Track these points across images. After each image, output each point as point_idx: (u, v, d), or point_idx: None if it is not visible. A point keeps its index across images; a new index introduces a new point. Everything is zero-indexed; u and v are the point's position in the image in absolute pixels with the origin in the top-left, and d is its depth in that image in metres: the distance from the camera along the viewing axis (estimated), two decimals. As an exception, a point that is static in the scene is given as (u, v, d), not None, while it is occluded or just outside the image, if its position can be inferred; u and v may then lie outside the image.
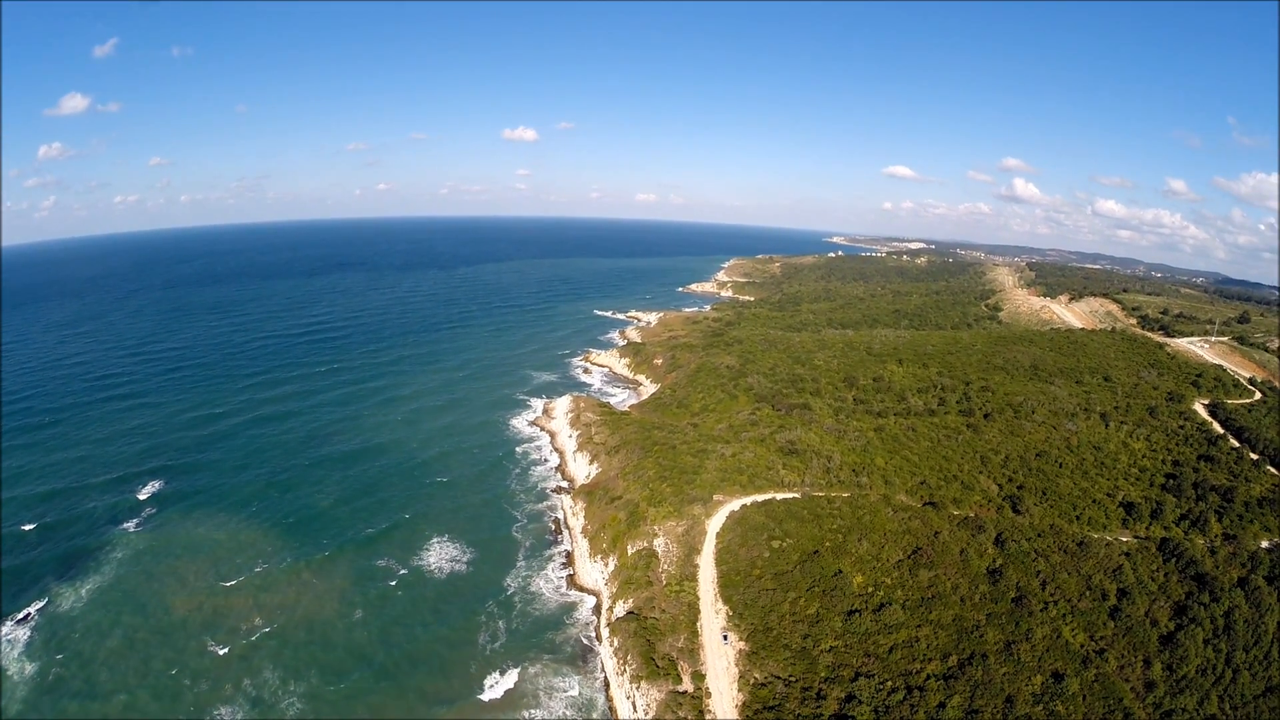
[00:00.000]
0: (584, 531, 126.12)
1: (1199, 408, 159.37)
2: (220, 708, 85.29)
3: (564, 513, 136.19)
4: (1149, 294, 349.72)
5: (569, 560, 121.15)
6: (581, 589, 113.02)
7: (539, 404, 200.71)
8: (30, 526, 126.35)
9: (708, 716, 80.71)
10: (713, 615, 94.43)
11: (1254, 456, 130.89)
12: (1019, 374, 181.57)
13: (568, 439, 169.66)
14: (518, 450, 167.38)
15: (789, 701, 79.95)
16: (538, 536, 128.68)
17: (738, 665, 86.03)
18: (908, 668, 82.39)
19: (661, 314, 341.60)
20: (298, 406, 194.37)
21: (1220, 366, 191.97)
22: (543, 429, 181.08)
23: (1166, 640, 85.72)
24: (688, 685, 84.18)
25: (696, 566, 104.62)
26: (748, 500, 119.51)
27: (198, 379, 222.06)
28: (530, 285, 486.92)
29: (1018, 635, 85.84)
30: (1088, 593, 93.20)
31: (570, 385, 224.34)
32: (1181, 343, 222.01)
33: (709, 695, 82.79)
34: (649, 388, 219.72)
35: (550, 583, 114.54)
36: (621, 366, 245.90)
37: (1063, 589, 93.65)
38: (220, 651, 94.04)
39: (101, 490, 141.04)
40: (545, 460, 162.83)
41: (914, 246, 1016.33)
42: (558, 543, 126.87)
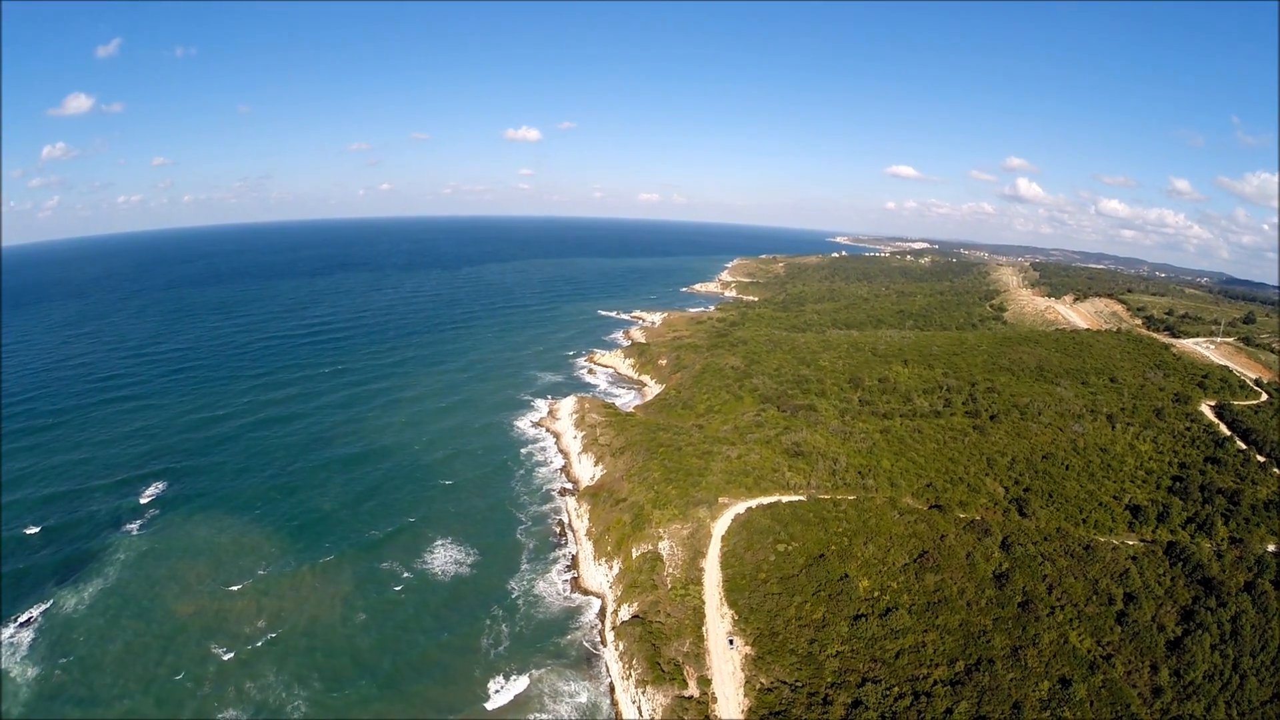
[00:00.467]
0: (589, 534, 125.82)
1: (1205, 409, 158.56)
2: (225, 712, 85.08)
3: (569, 515, 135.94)
4: (1154, 294, 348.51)
5: (573, 563, 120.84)
6: (586, 592, 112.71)
7: (544, 405, 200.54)
8: (34, 530, 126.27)
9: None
10: (718, 619, 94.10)
11: (1260, 459, 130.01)
12: (1025, 375, 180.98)
13: (572, 440, 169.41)
14: (522, 452, 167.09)
15: (795, 707, 79.65)
16: (542, 539, 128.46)
17: (744, 670, 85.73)
18: (914, 673, 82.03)
19: (666, 314, 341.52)
20: (301, 408, 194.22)
21: (1226, 368, 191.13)
22: (547, 430, 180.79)
23: (1173, 645, 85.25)
24: (693, 690, 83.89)
25: (702, 570, 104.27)
26: (753, 503, 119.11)
27: (201, 380, 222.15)
28: (534, 285, 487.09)
29: (1025, 640, 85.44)
30: (1095, 597, 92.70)
31: (575, 386, 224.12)
32: (1187, 343, 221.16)
33: (715, 700, 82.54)
34: (654, 388, 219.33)
35: (554, 586, 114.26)
36: (626, 367, 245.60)
37: (1069, 593, 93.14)
38: (225, 657, 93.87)
39: (104, 493, 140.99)
40: (549, 462, 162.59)
41: (917, 246, 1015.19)
42: (562, 545, 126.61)
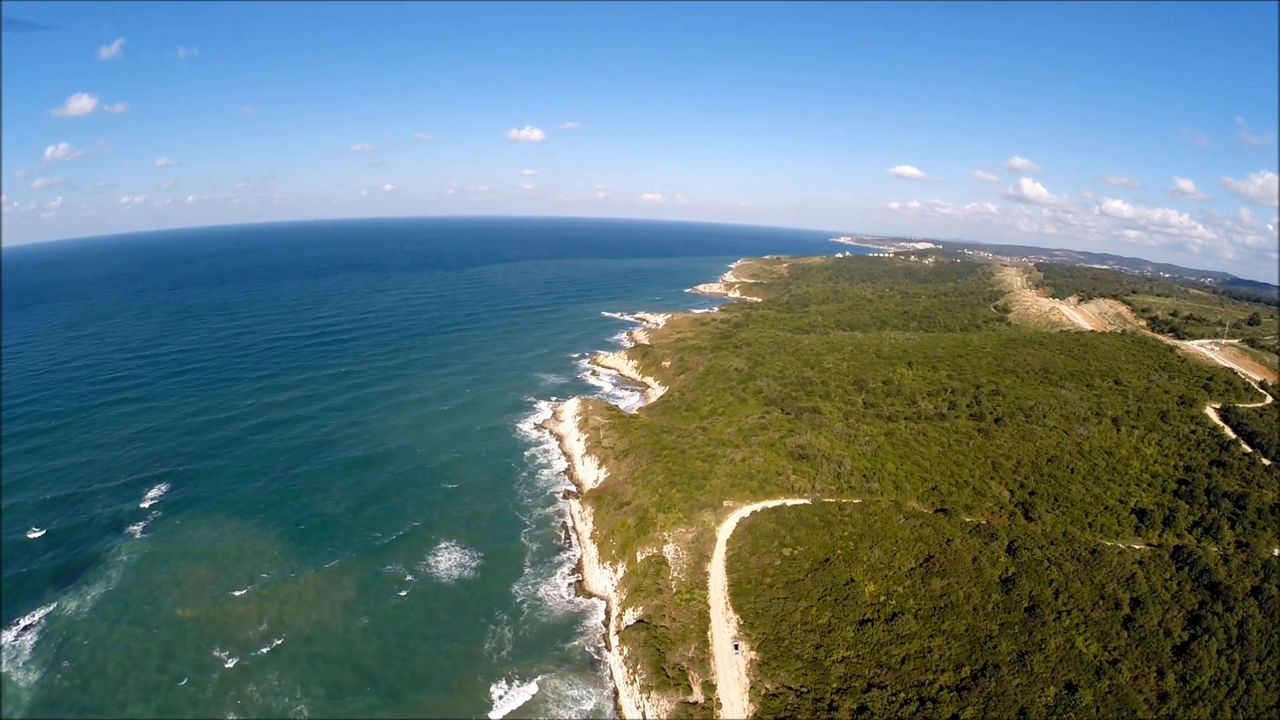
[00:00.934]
0: (593, 537, 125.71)
1: (1210, 412, 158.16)
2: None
3: (572, 518, 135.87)
4: (1158, 295, 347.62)
5: (578, 567, 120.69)
6: (590, 595, 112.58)
7: (547, 407, 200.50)
8: (36, 534, 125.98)
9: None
10: (723, 624, 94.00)
11: (1266, 462, 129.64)
12: (1029, 377, 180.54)
13: (576, 443, 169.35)
14: (526, 454, 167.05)
15: (800, 713, 79.52)
16: (546, 542, 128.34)
17: (749, 675, 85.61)
18: (920, 679, 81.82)
19: (669, 315, 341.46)
20: (305, 411, 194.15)
21: (1231, 370, 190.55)
22: (551, 432, 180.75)
23: (1180, 650, 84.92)
24: (698, 696, 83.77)
25: (707, 574, 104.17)
26: (758, 506, 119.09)
27: (204, 382, 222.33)
28: (537, 286, 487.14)
29: (1031, 645, 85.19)
30: (1101, 602, 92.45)
31: (578, 388, 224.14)
32: (1192, 345, 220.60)
33: (719, 706, 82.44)
34: (657, 390, 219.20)
35: (558, 590, 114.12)
36: (629, 369, 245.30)
37: (1076, 598, 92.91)
38: (228, 664, 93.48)
39: (107, 496, 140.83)
40: (553, 464, 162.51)
41: (921, 247, 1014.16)
42: (566, 548, 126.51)
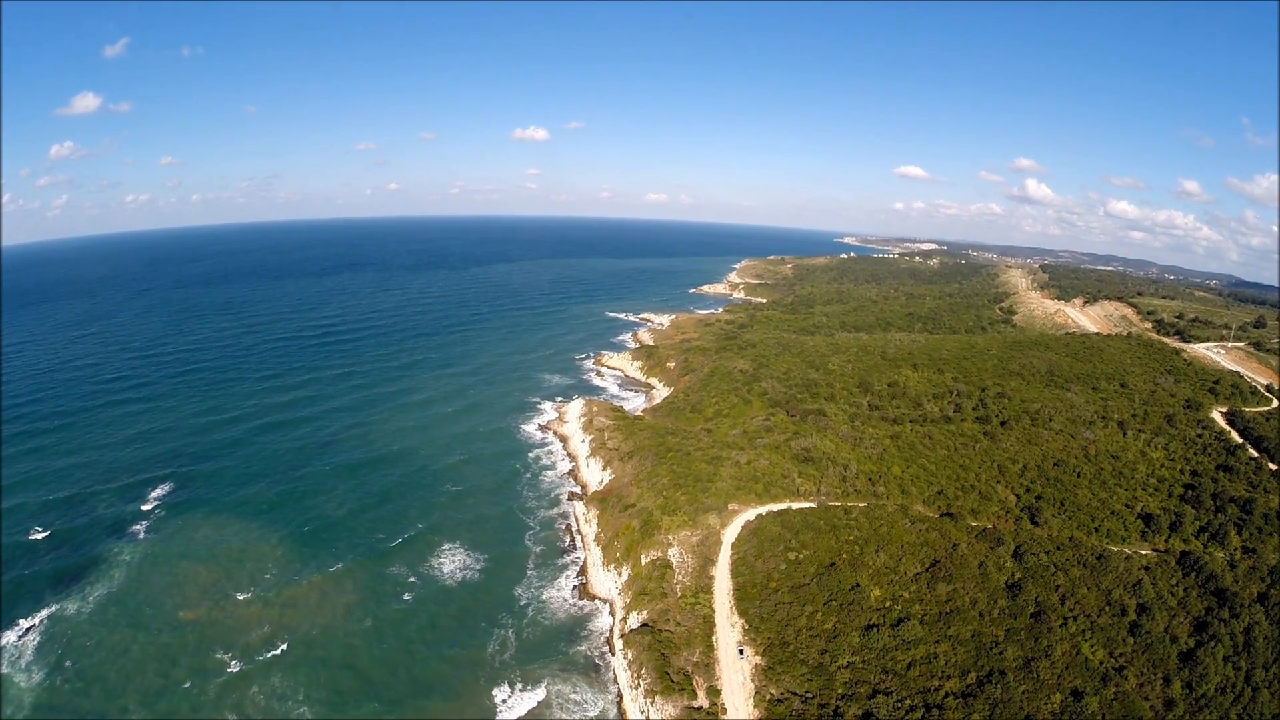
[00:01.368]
0: (597, 540, 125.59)
1: (1216, 415, 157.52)
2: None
3: (576, 520, 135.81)
4: (1163, 297, 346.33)
5: (582, 569, 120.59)
6: (594, 598, 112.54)
7: (552, 408, 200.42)
8: (38, 535, 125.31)
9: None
10: (728, 629, 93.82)
11: (1272, 467, 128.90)
12: (1035, 380, 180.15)
13: (580, 444, 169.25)
14: (530, 456, 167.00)
15: (806, 719, 79.34)
16: (550, 544, 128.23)
17: (754, 681, 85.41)
18: (926, 685, 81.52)
19: (674, 316, 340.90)
20: (309, 412, 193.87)
21: (1237, 373, 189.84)
22: (555, 434, 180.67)
23: (1186, 657, 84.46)
24: (703, 701, 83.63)
25: (712, 578, 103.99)
26: (763, 510, 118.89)
27: (208, 382, 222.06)
28: (541, 286, 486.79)
29: (1037, 652, 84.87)
30: (1107, 608, 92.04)
31: (582, 389, 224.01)
32: (1198, 348, 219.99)
33: (724, 711, 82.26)
34: (662, 391, 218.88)
35: (563, 592, 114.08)
36: (634, 369, 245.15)
37: (1082, 604, 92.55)
38: (232, 668, 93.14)
39: (110, 497, 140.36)
40: (557, 465, 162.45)
41: (926, 247, 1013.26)
42: (570, 551, 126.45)
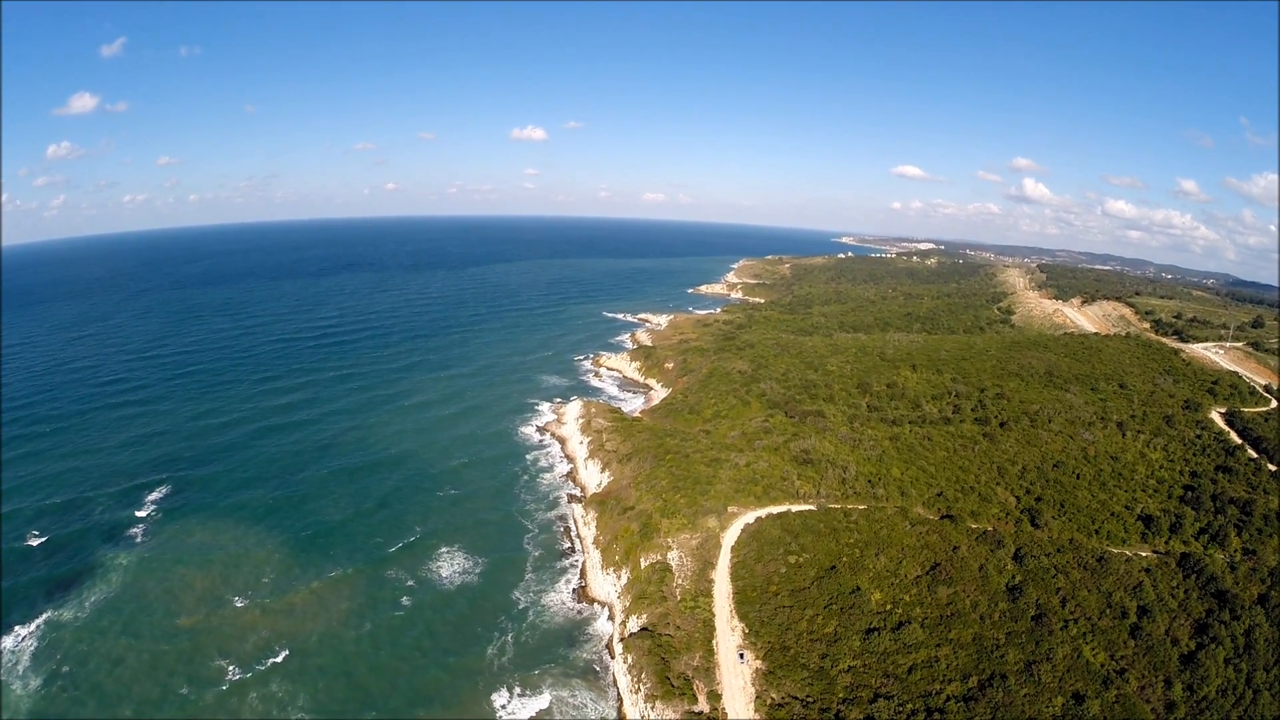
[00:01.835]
0: (596, 542, 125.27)
1: (1215, 416, 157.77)
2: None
3: (575, 523, 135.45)
4: (1161, 297, 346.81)
5: (581, 572, 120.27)
6: (594, 601, 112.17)
7: (550, 409, 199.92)
8: (35, 541, 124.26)
9: (724, 737, 79.86)
10: (728, 633, 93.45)
11: (1272, 468, 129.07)
12: (1034, 380, 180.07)
13: (578, 446, 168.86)
14: (528, 458, 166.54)
15: (807, 723, 79.08)
16: (549, 547, 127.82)
17: (754, 685, 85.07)
18: (927, 689, 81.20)
19: (672, 316, 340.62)
20: (307, 415, 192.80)
21: (1236, 373, 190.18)
22: (553, 435, 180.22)
23: (1187, 660, 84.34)
24: (703, 705, 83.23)
25: (711, 581, 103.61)
26: (763, 512, 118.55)
27: (205, 385, 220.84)
28: (540, 286, 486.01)
29: (1038, 655, 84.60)
30: (1108, 610, 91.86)
31: (581, 389, 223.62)
32: (1196, 348, 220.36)
33: (725, 716, 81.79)
34: (660, 392, 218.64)
35: (561, 595, 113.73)
36: (632, 370, 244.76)
37: (1083, 607, 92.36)
38: (229, 675, 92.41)
39: (107, 502, 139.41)
40: (555, 468, 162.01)
41: (923, 247, 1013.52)
42: (569, 554, 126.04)
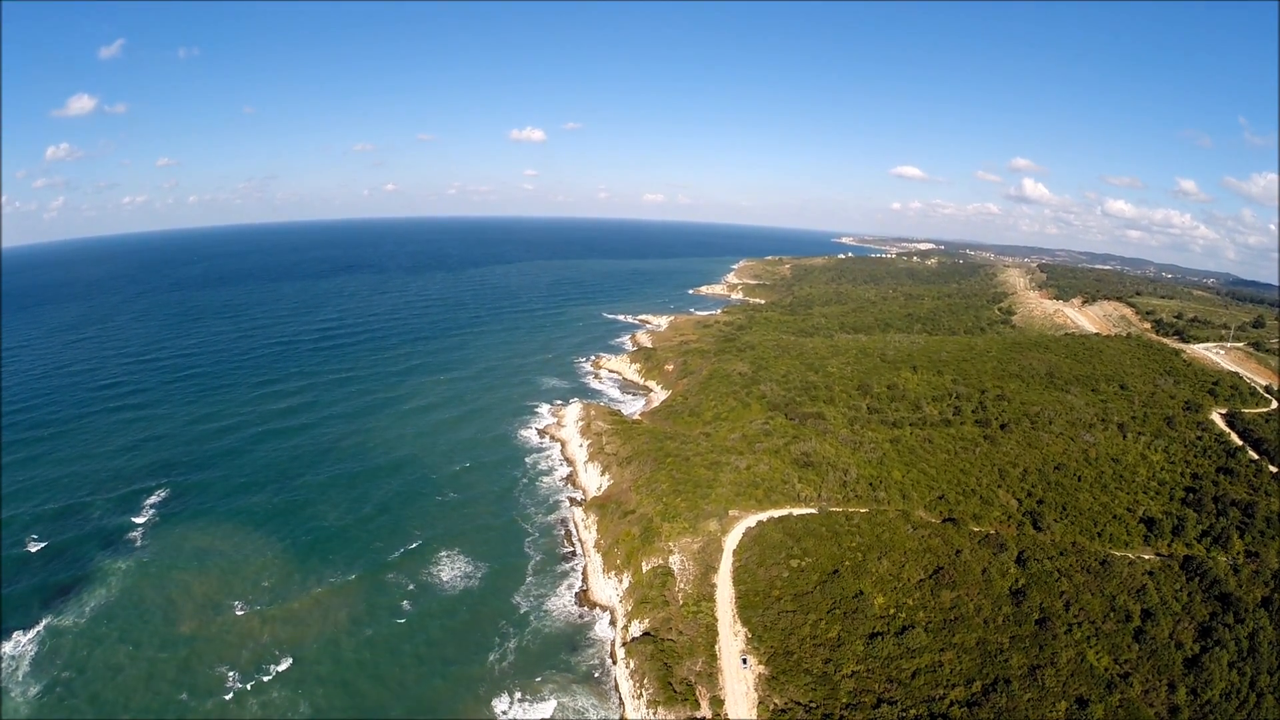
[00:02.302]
0: (597, 546, 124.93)
1: (1216, 417, 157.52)
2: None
3: (576, 526, 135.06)
4: (1162, 297, 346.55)
5: (582, 576, 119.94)
6: (595, 606, 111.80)
7: (550, 412, 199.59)
8: (34, 547, 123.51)
9: (727, 743, 79.66)
10: (731, 637, 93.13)
11: (1273, 469, 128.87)
12: (1034, 382, 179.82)
13: (578, 448, 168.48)
14: (528, 461, 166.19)
15: (810, 728, 78.83)
16: (549, 551, 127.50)
17: (757, 690, 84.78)
18: (931, 693, 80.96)
19: (672, 317, 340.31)
20: (307, 419, 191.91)
21: (1236, 374, 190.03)
22: (553, 438, 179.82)
23: (1191, 663, 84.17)
24: (706, 711, 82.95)
25: (714, 586, 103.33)
26: (764, 516, 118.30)
27: (204, 388, 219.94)
28: (539, 288, 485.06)
29: (1042, 659, 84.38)
30: (1112, 614, 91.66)
31: (580, 392, 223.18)
32: (1197, 349, 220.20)
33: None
34: (660, 394, 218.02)
35: (563, 600, 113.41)
36: (632, 372, 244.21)
37: (1087, 610, 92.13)
38: (229, 683, 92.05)
39: (106, 507, 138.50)
40: (555, 471, 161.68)
41: (923, 247, 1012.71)
42: (570, 558, 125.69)
